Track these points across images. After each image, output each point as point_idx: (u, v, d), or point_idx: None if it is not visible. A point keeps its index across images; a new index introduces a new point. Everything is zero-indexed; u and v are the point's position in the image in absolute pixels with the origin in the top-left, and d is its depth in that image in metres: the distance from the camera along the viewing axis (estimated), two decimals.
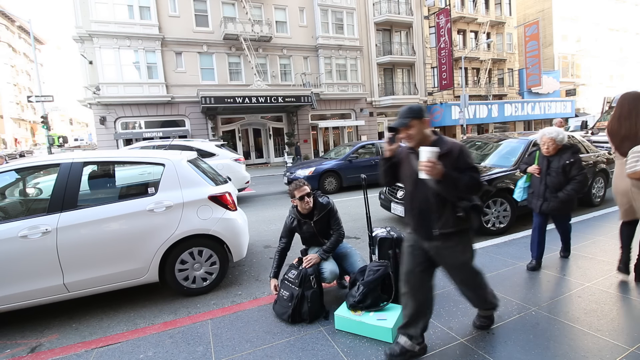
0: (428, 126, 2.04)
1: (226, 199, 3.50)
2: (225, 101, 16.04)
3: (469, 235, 2.13)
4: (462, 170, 1.92)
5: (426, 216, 2.06)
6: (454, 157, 1.95)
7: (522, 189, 3.63)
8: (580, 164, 3.17)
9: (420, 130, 2.00)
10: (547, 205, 3.28)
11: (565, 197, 3.18)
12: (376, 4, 21.88)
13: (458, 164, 1.94)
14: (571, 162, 3.15)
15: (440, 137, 2.06)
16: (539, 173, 3.35)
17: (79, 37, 16.15)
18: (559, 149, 3.24)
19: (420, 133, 2.00)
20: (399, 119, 2.01)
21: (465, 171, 1.93)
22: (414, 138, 2.00)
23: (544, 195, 3.31)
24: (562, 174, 3.18)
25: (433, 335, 2.44)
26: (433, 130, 2.08)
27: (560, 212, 3.31)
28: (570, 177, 3.17)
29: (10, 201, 3.72)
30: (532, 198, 3.51)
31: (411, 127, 1.99)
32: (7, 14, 35.82)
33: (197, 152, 5.24)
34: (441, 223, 2.02)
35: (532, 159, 3.51)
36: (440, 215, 2.02)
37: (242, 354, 2.35)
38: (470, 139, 6.98)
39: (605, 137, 8.64)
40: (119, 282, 3.10)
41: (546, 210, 3.31)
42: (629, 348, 2.19)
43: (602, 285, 3.07)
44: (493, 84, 27.30)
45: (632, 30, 35.62)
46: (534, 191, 3.45)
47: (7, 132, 42.82)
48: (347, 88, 21.18)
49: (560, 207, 3.25)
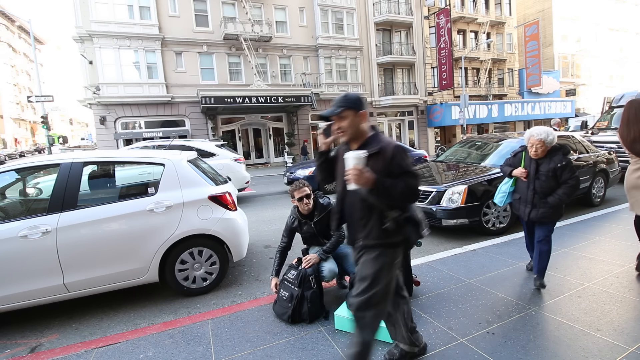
0: (365, 120, 1.78)
1: (226, 199, 3.50)
2: (225, 101, 16.04)
3: (396, 253, 1.80)
4: (396, 175, 1.66)
5: (352, 222, 1.84)
6: (387, 160, 1.68)
7: (505, 194, 3.27)
8: (572, 166, 2.90)
9: (354, 123, 1.75)
10: (536, 212, 2.99)
11: (556, 202, 2.91)
12: (376, 4, 21.88)
13: (391, 167, 1.67)
14: (563, 166, 2.86)
15: (377, 134, 1.81)
16: (526, 177, 3.04)
17: (79, 37, 16.15)
18: (548, 151, 2.94)
19: (353, 126, 1.75)
20: (332, 107, 1.77)
21: (400, 177, 1.66)
22: (346, 131, 1.76)
23: (532, 201, 3.01)
24: (552, 178, 2.90)
25: (433, 335, 2.45)
26: (372, 126, 1.85)
27: (549, 218, 3.00)
28: (561, 181, 2.90)
29: (10, 201, 3.72)
30: (518, 204, 3.18)
31: (344, 118, 1.74)
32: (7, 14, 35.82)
33: (197, 152, 5.24)
34: (365, 233, 1.77)
35: (518, 160, 3.17)
36: (365, 223, 1.76)
37: (242, 354, 2.35)
38: (470, 139, 6.98)
39: (604, 137, 8.68)
40: (119, 282, 3.10)
41: (535, 218, 3.01)
42: (629, 348, 2.19)
43: (602, 285, 3.07)
44: (493, 84, 27.30)
45: (632, 30, 35.62)
46: (521, 197, 3.12)
47: (7, 132, 42.83)
48: (347, 88, 21.16)
49: (550, 214, 2.96)
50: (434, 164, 6.50)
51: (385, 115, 23.27)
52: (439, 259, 3.89)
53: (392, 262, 1.80)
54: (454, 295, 3.02)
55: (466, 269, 3.57)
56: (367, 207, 1.73)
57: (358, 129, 1.77)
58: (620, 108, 9.11)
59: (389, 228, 1.70)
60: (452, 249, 4.23)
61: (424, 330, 2.50)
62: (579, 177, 2.88)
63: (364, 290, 1.75)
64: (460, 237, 4.82)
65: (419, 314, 2.75)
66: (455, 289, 3.14)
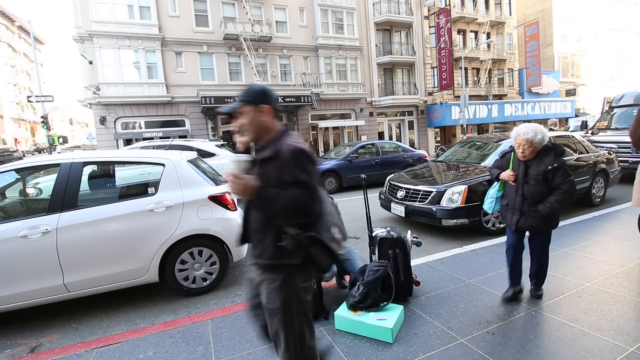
0: (268, 116, 1.52)
1: (226, 199, 3.50)
2: (225, 101, 16.02)
3: (296, 278, 1.51)
4: (286, 184, 1.38)
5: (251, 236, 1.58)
6: (280, 165, 1.40)
7: (493, 200, 2.93)
8: (565, 169, 2.55)
9: (255, 120, 1.50)
10: (525, 221, 2.67)
11: (548, 211, 2.56)
12: (376, 4, 21.87)
13: (283, 175, 1.39)
14: (554, 168, 2.53)
15: (285, 133, 1.54)
16: (515, 180, 2.72)
17: (79, 37, 16.15)
18: (538, 152, 2.62)
19: (255, 124, 1.50)
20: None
21: (289, 186, 1.36)
22: (247, 130, 1.51)
23: (520, 208, 2.69)
24: (542, 183, 2.58)
25: (433, 335, 2.45)
26: (285, 124, 1.61)
27: (541, 229, 2.69)
28: (553, 186, 2.57)
29: (10, 201, 3.72)
30: (505, 211, 2.85)
31: (242, 114, 1.50)
32: (7, 14, 35.81)
33: (197, 152, 5.25)
34: (259, 250, 1.53)
35: (506, 162, 2.85)
36: (260, 239, 1.52)
37: (242, 354, 2.35)
38: (470, 139, 6.98)
39: (604, 137, 8.69)
40: (119, 282, 3.10)
41: (523, 227, 2.70)
42: (629, 348, 2.19)
43: (602, 285, 3.07)
44: (493, 84, 27.29)
45: (632, 30, 35.61)
46: (509, 203, 2.80)
47: (7, 132, 42.81)
48: (347, 88, 21.17)
49: (541, 224, 2.64)
50: (434, 164, 6.51)
51: (385, 115, 23.26)
52: (439, 259, 3.89)
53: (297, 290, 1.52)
54: (454, 295, 3.02)
55: (466, 269, 3.57)
56: (264, 220, 1.49)
57: (261, 127, 1.51)
58: (621, 108, 9.13)
59: (287, 247, 1.43)
60: (452, 249, 4.23)
61: (424, 330, 2.50)
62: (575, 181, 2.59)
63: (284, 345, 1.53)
64: (460, 237, 4.82)
65: (419, 314, 2.75)
66: (455, 289, 3.14)
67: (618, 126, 8.79)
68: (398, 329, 2.52)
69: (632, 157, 7.80)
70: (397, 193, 5.42)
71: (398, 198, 5.34)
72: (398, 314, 2.54)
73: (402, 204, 5.20)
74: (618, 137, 8.29)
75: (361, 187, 3.62)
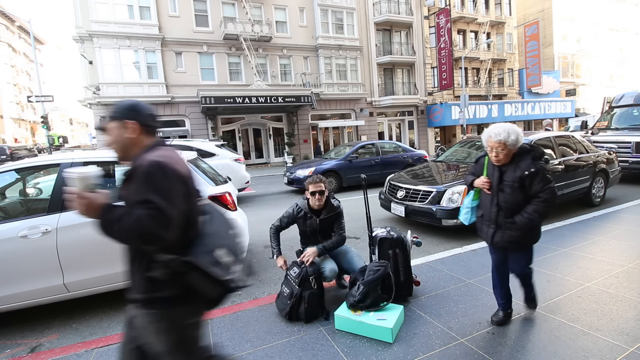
0: (134, 132, 1.37)
1: (226, 199, 3.50)
2: (225, 101, 16.04)
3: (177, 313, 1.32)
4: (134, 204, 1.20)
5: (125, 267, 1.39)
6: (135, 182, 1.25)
7: (469, 210, 2.58)
8: (544, 174, 2.22)
9: (120, 136, 1.37)
10: (502, 234, 2.34)
11: (525, 223, 2.23)
12: (376, 4, 21.88)
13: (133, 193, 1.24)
14: (532, 173, 2.20)
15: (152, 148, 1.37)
16: (489, 188, 2.39)
17: (79, 37, 16.16)
18: (514, 155, 2.30)
19: (118, 141, 1.38)
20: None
21: (136, 206, 1.18)
22: (112, 147, 1.40)
23: (496, 220, 2.35)
24: (519, 190, 2.25)
25: (433, 335, 2.45)
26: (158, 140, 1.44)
27: (520, 245, 2.35)
28: (531, 194, 2.24)
29: (10, 201, 3.72)
30: (481, 224, 2.52)
31: (109, 130, 1.39)
32: (7, 14, 35.82)
33: (197, 152, 5.25)
34: (132, 282, 1.36)
35: (480, 167, 2.51)
36: (130, 270, 1.35)
37: (242, 354, 2.35)
38: (470, 139, 6.98)
39: (605, 137, 8.69)
40: (119, 282, 3.09)
41: (500, 242, 2.36)
42: (629, 348, 2.19)
43: (602, 285, 3.07)
44: (493, 84, 27.30)
45: (632, 30, 35.62)
46: (484, 214, 2.47)
47: (7, 132, 42.81)
48: (347, 88, 21.18)
49: (519, 238, 2.30)
50: (434, 164, 6.51)
51: (385, 115, 23.27)
52: (439, 259, 3.90)
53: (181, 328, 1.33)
54: (454, 295, 3.03)
55: (466, 269, 3.57)
56: (131, 247, 1.33)
57: (124, 144, 1.38)
58: (621, 108, 9.13)
59: (158, 277, 1.24)
60: (452, 249, 4.23)
61: (424, 330, 2.50)
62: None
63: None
64: (460, 237, 4.82)
65: (419, 314, 2.75)
66: (455, 289, 3.14)
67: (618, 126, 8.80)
68: (398, 329, 2.52)
69: (632, 157, 7.81)
70: (397, 193, 5.42)
71: (398, 198, 5.34)
72: (398, 314, 2.54)
73: (402, 204, 5.20)
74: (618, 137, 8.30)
75: (361, 187, 3.62)
